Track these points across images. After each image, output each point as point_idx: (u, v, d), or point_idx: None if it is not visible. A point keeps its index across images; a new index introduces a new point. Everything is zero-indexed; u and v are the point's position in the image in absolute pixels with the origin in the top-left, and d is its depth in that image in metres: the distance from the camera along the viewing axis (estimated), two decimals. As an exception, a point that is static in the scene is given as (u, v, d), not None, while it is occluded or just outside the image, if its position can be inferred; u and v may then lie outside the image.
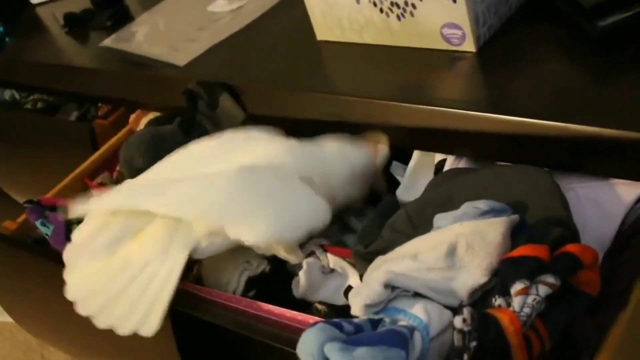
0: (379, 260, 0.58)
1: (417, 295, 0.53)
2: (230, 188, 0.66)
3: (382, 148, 0.73)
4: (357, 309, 0.52)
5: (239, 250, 0.72)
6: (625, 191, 0.61)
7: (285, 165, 0.68)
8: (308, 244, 0.69)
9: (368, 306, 0.52)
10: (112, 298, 0.65)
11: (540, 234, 0.54)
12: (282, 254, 0.69)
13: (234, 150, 0.73)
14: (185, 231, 0.66)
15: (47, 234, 0.85)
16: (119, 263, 0.66)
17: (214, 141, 0.76)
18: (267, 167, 0.68)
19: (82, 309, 0.66)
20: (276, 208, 0.65)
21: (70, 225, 0.81)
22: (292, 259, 0.69)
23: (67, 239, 0.79)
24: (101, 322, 0.65)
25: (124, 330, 0.63)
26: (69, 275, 0.68)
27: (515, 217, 0.56)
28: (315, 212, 0.66)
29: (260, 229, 0.64)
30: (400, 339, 0.47)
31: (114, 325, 0.64)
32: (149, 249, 0.66)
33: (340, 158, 0.71)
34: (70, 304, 0.79)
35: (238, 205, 0.65)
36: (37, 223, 0.85)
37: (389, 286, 0.53)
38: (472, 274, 0.53)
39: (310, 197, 0.66)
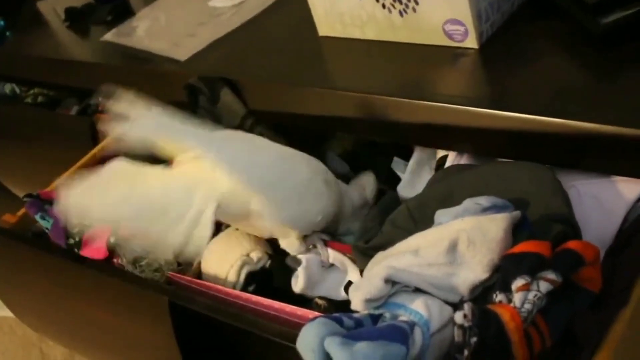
0: (380, 255, 0.58)
1: (417, 290, 0.53)
2: (271, 166, 0.68)
3: (368, 184, 0.77)
4: (357, 303, 0.52)
5: (239, 245, 0.73)
6: (626, 189, 0.61)
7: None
8: (310, 237, 0.70)
9: (368, 301, 0.51)
10: (151, 219, 0.62)
11: (542, 231, 0.54)
12: (284, 243, 0.69)
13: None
14: (208, 184, 0.65)
15: (47, 228, 0.85)
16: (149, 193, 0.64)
17: None
18: (299, 159, 0.71)
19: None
20: (301, 198, 0.68)
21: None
22: (292, 249, 0.69)
23: (67, 233, 0.79)
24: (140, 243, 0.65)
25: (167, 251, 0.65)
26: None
27: (517, 213, 0.55)
28: (327, 211, 0.70)
29: (283, 212, 0.67)
30: (400, 334, 0.47)
31: (153, 247, 0.63)
32: (173, 194, 0.64)
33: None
34: (70, 298, 0.79)
35: (273, 184, 0.67)
36: (37, 217, 0.85)
37: (390, 281, 0.52)
38: (473, 270, 0.52)
39: (327, 197, 0.69)
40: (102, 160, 1.02)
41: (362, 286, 0.53)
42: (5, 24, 1.33)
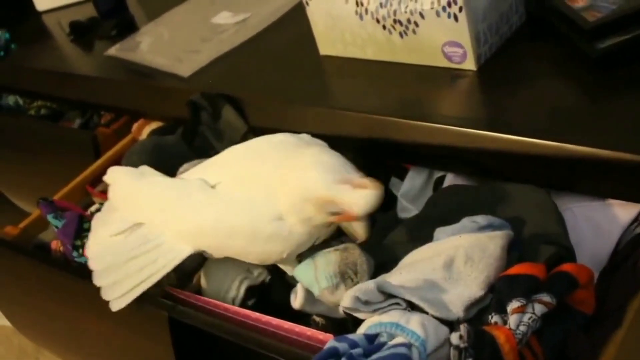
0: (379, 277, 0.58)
1: (412, 309, 0.54)
2: (213, 233, 0.67)
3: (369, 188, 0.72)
4: (346, 299, 0.54)
5: (240, 260, 0.73)
6: (621, 211, 0.62)
7: (259, 208, 0.65)
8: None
9: (357, 299, 0.52)
10: (115, 265, 0.68)
11: (537, 252, 0.55)
12: (281, 265, 0.69)
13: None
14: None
15: (56, 226, 0.86)
16: (136, 236, 0.69)
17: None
18: (240, 214, 0.66)
19: (92, 264, 0.70)
20: (254, 245, 0.66)
21: (82, 222, 0.82)
22: (288, 270, 0.69)
23: (78, 233, 0.81)
24: (96, 280, 0.68)
25: (105, 296, 0.67)
26: (92, 237, 0.73)
27: (511, 233, 0.56)
28: (290, 249, 0.65)
29: (249, 257, 0.68)
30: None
31: (102, 289, 0.68)
32: (167, 234, 0.69)
33: (296, 186, 0.67)
34: (68, 310, 0.80)
35: (223, 247, 0.68)
36: (49, 217, 0.86)
37: (384, 293, 0.53)
38: (468, 287, 0.53)
39: (288, 233, 0.64)
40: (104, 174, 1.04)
41: (355, 287, 0.54)
42: (11, 37, 1.35)
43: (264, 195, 0.64)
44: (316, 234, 0.65)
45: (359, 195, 0.58)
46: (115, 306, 0.67)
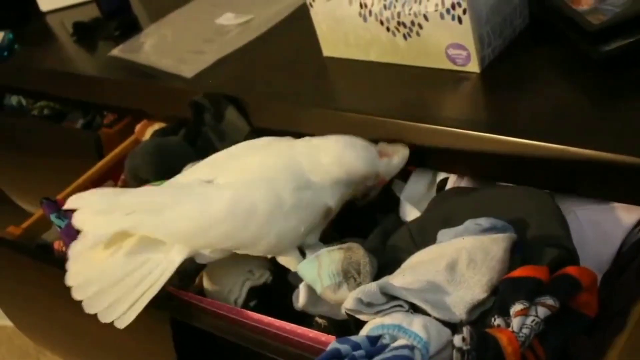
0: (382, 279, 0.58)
1: (415, 311, 0.54)
2: (225, 218, 0.66)
3: (398, 154, 0.72)
4: (349, 301, 0.54)
5: (242, 260, 0.73)
6: (624, 215, 0.62)
7: (279, 180, 0.68)
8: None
9: (360, 301, 0.52)
10: (105, 288, 0.66)
11: (540, 255, 0.55)
12: (282, 260, 0.70)
13: (234, 162, 0.73)
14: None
15: (59, 226, 0.86)
16: (121, 256, 0.67)
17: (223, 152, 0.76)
18: (261, 184, 0.68)
19: (76, 294, 0.67)
20: (271, 226, 0.66)
21: None
22: (291, 266, 0.69)
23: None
24: (89, 308, 0.66)
25: (104, 319, 0.65)
26: (72, 264, 0.69)
27: (515, 235, 0.56)
28: (307, 220, 0.68)
29: (259, 246, 0.67)
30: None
31: (99, 314, 0.66)
32: (152, 247, 0.67)
33: (336, 164, 0.69)
34: (70, 310, 0.79)
35: (233, 233, 0.66)
36: (52, 216, 0.86)
37: (386, 295, 0.53)
38: (471, 289, 0.53)
39: (306, 205, 0.67)
40: (106, 174, 1.04)
41: (358, 289, 0.54)
42: (14, 37, 1.35)
43: (282, 169, 0.68)
44: (335, 210, 0.70)
45: (396, 163, 0.70)
46: (121, 324, 0.65)
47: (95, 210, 0.68)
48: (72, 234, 0.82)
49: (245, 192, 0.67)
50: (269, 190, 0.66)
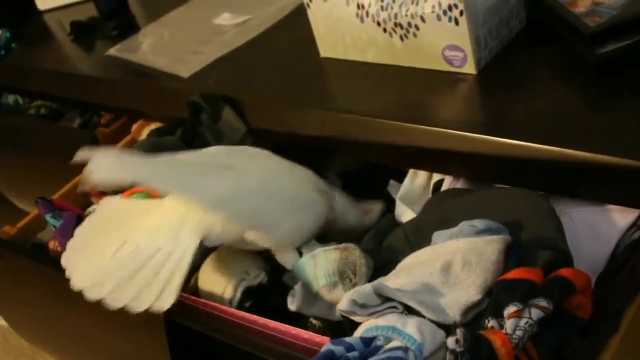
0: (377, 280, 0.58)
1: (409, 312, 0.54)
2: (257, 193, 0.68)
3: (374, 211, 0.79)
4: (344, 302, 0.54)
5: (237, 260, 0.73)
6: (619, 217, 0.62)
7: (301, 175, 0.73)
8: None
9: (354, 302, 0.52)
10: (122, 283, 0.65)
11: (534, 257, 0.55)
12: (280, 257, 0.70)
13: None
14: (197, 217, 0.67)
15: (54, 226, 0.85)
16: (128, 252, 0.67)
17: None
18: (285, 174, 0.72)
19: (91, 294, 0.65)
20: (292, 213, 0.69)
21: (81, 222, 0.82)
22: (289, 263, 0.69)
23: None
24: (115, 302, 0.64)
25: (140, 307, 0.63)
26: (74, 265, 0.69)
27: (509, 237, 0.56)
28: (320, 219, 0.71)
29: (276, 232, 0.68)
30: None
31: (129, 305, 0.63)
32: (160, 237, 0.66)
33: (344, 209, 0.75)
34: (66, 311, 0.79)
35: (259, 210, 0.68)
36: (47, 216, 0.85)
37: (381, 296, 0.53)
38: (465, 291, 0.53)
39: (320, 206, 0.71)
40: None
41: (352, 290, 0.54)
42: (11, 36, 1.35)
43: (301, 169, 0.73)
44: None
45: (375, 218, 0.78)
46: (161, 307, 0.63)
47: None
48: (67, 233, 0.82)
49: (274, 176, 0.71)
50: (293, 179, 0.71)
